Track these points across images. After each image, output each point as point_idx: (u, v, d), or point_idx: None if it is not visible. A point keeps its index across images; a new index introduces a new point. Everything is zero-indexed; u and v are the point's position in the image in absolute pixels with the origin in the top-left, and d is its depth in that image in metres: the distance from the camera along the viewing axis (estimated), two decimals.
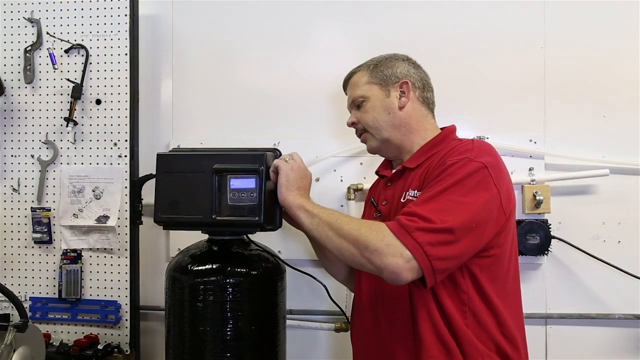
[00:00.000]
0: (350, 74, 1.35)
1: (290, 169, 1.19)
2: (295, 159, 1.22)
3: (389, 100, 1.25)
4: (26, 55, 1.72)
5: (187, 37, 1.86)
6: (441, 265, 0.99)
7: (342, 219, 1.09)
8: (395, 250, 0.99)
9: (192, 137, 1.83)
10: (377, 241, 1.00)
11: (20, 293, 1.71)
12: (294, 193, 1.16)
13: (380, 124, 1.26)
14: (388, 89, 1.26)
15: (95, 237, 1.70)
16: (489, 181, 1.05)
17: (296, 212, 1.14)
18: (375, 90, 1.27)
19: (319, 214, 1.11)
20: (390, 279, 1.00)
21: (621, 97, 1.69)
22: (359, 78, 1.30)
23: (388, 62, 1.29)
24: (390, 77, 1.26)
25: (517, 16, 1.73)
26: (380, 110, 1.26)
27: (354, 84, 1.32)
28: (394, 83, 1.26)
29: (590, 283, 1.69)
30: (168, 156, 1.25)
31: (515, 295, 1.18)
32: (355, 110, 1.32)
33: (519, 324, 1.17)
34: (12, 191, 1.74)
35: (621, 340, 1.69)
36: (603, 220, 1.69)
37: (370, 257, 1.01)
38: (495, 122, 1.72)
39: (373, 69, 1.29)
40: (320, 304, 1.75)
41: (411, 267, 0.98)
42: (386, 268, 0.99)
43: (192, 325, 1.21)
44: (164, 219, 1.22)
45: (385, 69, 1.28)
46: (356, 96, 1.30)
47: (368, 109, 1.27)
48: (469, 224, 1.01)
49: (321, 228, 1.09)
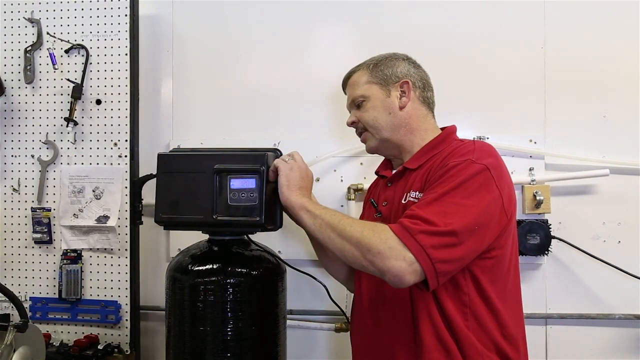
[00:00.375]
0: (349, 74, 1.34)
1: (290, 169, 1.17)
2: (295, 159, 1.21)
3: (390, 100, 1.25)
4: (26, 55, 1.72)
5: (187, 37, 1.86)
6: (444, 268, 0.99)
7: (345, 221, 1.08)
8: (398, 253, 0.98)
9: (192, 137, 1.83)
10: (379, 244, 0.99)
11: (21, 293, 1.72)
12: (296, 193, 1.15)
13: (381, 124, 1.25)
14: (388, 88, 1.25)
15: (96, 237, 1.70)
16: (491, 183, 1.05)
17: (298, 212, 1.13)
18: (375, 89, 1.26)
19: (321, 215, 1.10)
20: (393, 282, 1.00)
21: (621, 97, 1.69)
22: (359, 77, 1.29)
23: (388, 62, 1.28)
24: (391, 76, 1.25)
25: (517, 16, 1.73)
26: (381, 109, 1.25)
27: (354, 83, 1.30)
28: (394, 83, 1.25)
29: (591, 283, 1.69)
30: (169, 156, 1.25)
31: (516, 296, 1.18)
32: (355, 110, 1.31)
33: (519, 325, 1.16)
34: (13, 191, 1.74)
35: (621, 340, 1.69)
36: (603, 221, 1.69)
37: (373, 259, 1.00)
38: (496, 122, 1.72)
39: (373, 69, 1.27)
40: (320, 304, 1.75)
41: (414, 270, 0.98)
42: (389, 271, 0.98)
43: (192, 325, 1.21)
44: (164, 219, 1.22)
45: (386, 68, 1.27)
46: (356, 96, 1.29)
47: (368, 109, 1.26)
48: (472, 226, 1.00)
49: (323, 229, 1.08)
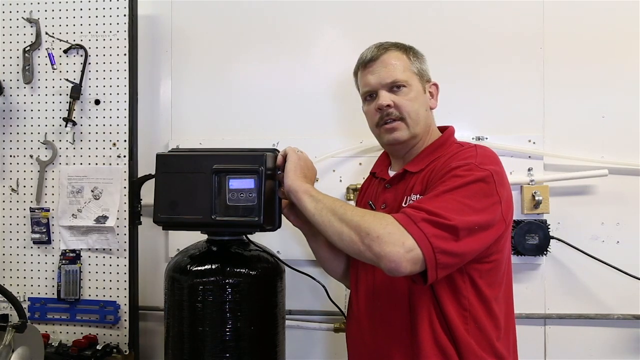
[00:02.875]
0: (386, 47, 1.21)
1: (299, 158, 1.19)
2: (303, 153, 1.23)
3: (426, 97, 1.23)
4: (25, 56, 1.71)
5: (186, 37, 1.86)
6: (444, 259, 0.97)
7: (347, 207, 1.08)
8: (397, 238, 0.96)
9: (191, 137, 1.83)
10: (379, 228, 0.97)
11: (19, 293, 1.71)
12: (301, 178, 1.15)
13: (420, 118, 1.20)
14: (424, 85, 1.22)
15: (94, 238, 1.70)
16: (492, 188, 1.04)
17: (302, 195, 1.12)
18: (415, 81, 1.20)
19: (323, 200, 1.10)
20: (388, 268, 0.96)
21: (620, 97, 1.69)
22: (398, 58, 1.20)
23: (420, 55, 1.25)
24: (426, 72, 1.23)
25: (516, 16, 1.73)
26: (422, 104, 1.21)
27: (392, 62, 1.19)
28: (427, 81, 1.23)
29: (589, 283, 1.69)
30: (167, 156, 1.25)
31: (508, 300, 1.17)
32: (389, 92, 1.19)
33: (512, 327, 1.17)
34: (11, 191, 1.74)
35: (620, 340, 1.69)
36: (602, 221, 1.69)
37: (371, 244, 0.97)
38: (494, 122, 1.72)
39: (413, 57, 1.21)
40: (319, 304, 1.75)
41: (412, 258, 0.95)
42: (386, 256, 0.95)
43: (191, 325, 1.21)
44: (163, 219, 1.22)
45: (422, 62, 1.23)
46: (398, 78, 1.18)
47: (412, 98, 1.18)
48: (472, 225, 1.00)
49: (324, 213, 1.07)
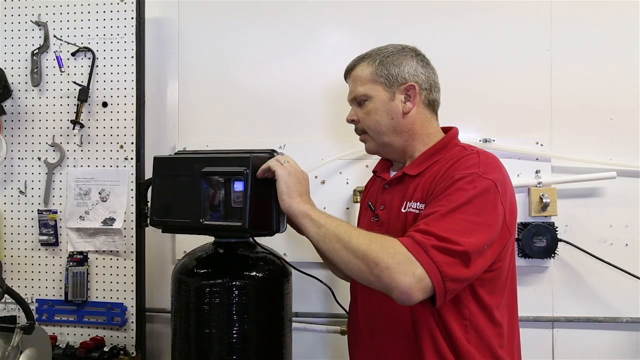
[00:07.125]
0: (353, 64, 1.25)
1: (288, 173, 1.12)
2: (290, 162, 1.16)
3: (393, 104, 1.17)
4: (33, 58, 1.73)
5: (193, 40, 1.86)
6: (453, 286, 0.95)
7: (351, 232, 1.02)
8: (407, 268, 0.93)
9: (198, 139, 1.83)
10: (388, 258, 0.94)
11: (27, 295, 1.72)
12: (297, 200, 1.10)
13: (382, 129, 1.18)
14: (393, 90, 1.17)
15: (102, 240, 1.70)
16: (497, 199, 1.01)
17: (301, 220, 1.08)
18: (379, 90, 1.18)
19: (326, 224, 1.05)
20: (400, 299, 0.94)
21: (628, 99, 1.68)
22: (362, 71, 1.21)
23: (395, 59, 1.18)
24: (397, 77, 1.17)
25: (524, 19, 1.72)
26: (383, 113, 1.18)
27: (357, 77, 1.22)
28: (400, 85, 1.17)
29: (597, 286, 1.68)
30: (162, 159, 1.25)
31: (512, 305, 1.15)
32: (356, 107, 1.23)
33: (515, 333, 1.15)
34: (19, 193, 1.75)
35: (628, 344, 1.68)
36: (610, 223, 1.68)
37: (380, 274, 0.94)
38: (502, 124, 1.71)
39: (379, 65, 1.19)
40: (326, 306, 1.75)
41: (423, 287, 0.93)
42: (397, 287, 0.93)
43: (198, 327, 1.21)
44: (157, 222, 1.22)
45: (392, 67, 1.18)
46: (358, 93, 1.21)
47: (370, 111, 1.19)
48: (482, 246, 0.97)
49: (328, 240, 1.03)
